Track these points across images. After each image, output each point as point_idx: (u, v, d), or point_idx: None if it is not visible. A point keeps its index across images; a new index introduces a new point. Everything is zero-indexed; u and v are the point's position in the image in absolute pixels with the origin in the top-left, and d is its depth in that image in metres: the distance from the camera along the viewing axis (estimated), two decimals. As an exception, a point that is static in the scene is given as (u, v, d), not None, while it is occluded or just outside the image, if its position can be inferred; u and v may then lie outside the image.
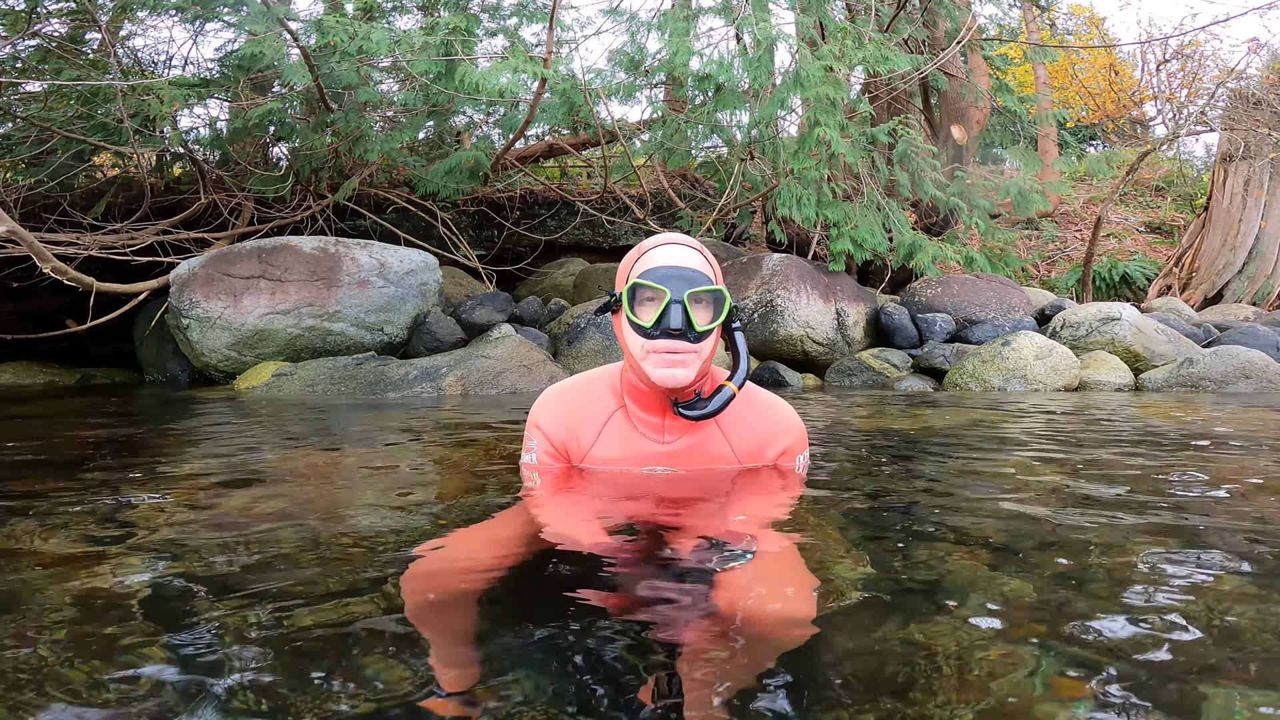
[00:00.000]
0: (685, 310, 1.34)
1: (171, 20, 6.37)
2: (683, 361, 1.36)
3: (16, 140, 5.55)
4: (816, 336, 5.43)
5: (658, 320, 1.34)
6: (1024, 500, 1.55)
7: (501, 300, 5.48)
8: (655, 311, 1.35)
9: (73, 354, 5.92)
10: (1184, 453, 2.17)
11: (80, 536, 1.28)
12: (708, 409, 1.40)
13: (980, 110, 7.90)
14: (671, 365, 1.36)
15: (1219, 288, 8.47)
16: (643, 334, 1.37)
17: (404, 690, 0.73)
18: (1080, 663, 0.79)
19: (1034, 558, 1.15)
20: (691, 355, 1.37)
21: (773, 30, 5.84)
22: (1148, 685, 0.74)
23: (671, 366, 1.36)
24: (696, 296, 1.36)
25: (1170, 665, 0.78)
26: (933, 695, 0.72)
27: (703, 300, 1.37)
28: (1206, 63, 10.26)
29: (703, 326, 1.36)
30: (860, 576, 1.07)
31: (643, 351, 1.38)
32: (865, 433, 2.64)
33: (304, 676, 0.78)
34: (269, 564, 1.13)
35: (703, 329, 1.36)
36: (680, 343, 1.35)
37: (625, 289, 1.39)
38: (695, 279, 1.36)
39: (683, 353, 1.36)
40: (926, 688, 0.74)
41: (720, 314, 1.38)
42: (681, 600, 0.96)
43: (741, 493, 1.44)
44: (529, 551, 1.17)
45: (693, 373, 1.37)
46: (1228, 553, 1.15)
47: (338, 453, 2.21)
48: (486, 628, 0.89)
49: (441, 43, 5.42)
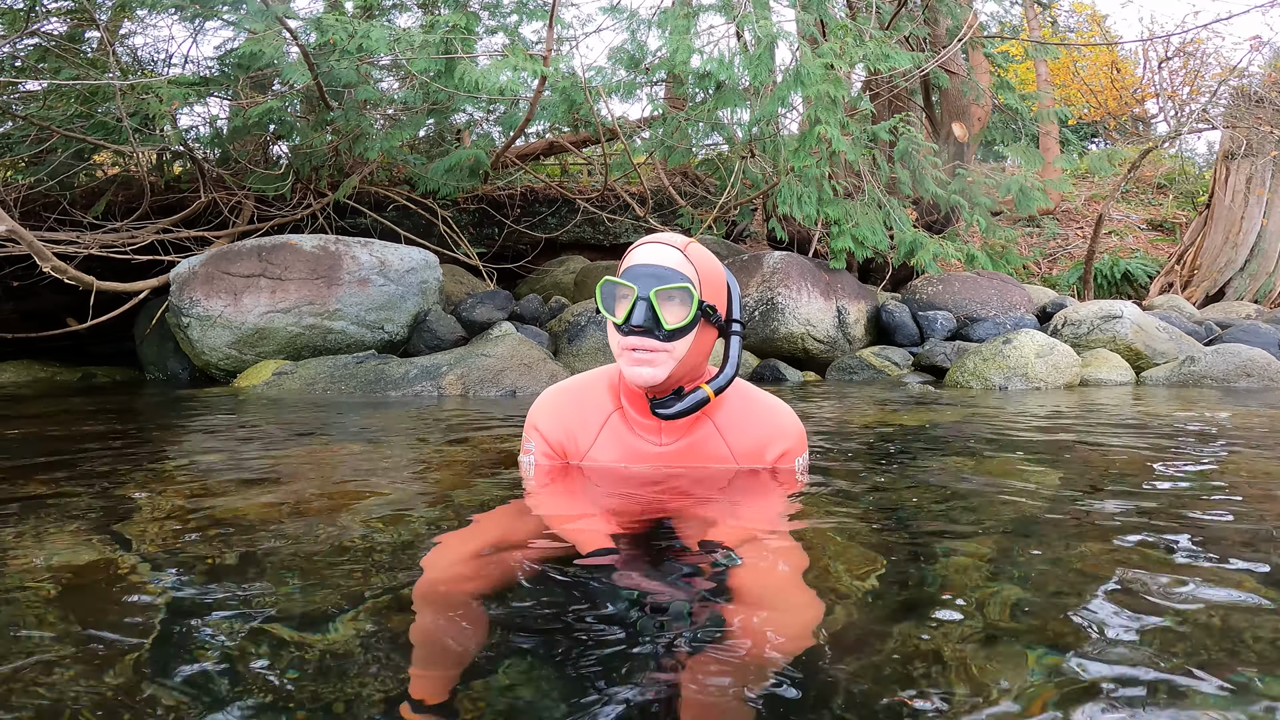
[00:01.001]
0: (652, 306, 1.33)
1: (171, 19, 6.36)
2: (651, 360, 1.35)
3: (16, 139, 5.55)
4: (817, 334, 5.42)
5: (627, 316, 1.34)
6: (1024, 499, 1.55)
7: (502, 298, 5.48)
8: (626, 308, 1.35)
9: (73, 353, 5.93)
10: (1185, 450, 2.16)
11: (80, 534, 1.28)
12: (675, 408, 1.39)
13: (981, 108, 7.88)
14: (639, 364, 1.36)
15: (1221, 285, 8.46)
16: (618, 330, 1.37)
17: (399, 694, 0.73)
18: (1082, 663, 0.78)
19: (1035, 556, 1.15)
20: (661, 354, 1.35)
21: (773, 28, 5.83)
22: (1148, 684, 0.73)
23: (639, 365, 1.36)
24: (666, 294, 1.35)
25: (1171, 664, 0.77)
26: (933, 696, 0.72)
27: (674, 298, 1.36)
28: (1208, 60, 10.24)
29: (672, 324, 1.34)
30: (860, 575, 1.07)
31: (619, 349, 1.39)
32: (865, 430, 2.63)
33: (304, 674, 0.78)
34: (268, 562, 1.13)
35: (672, 327, 1.34)
36: (648, 340, 1.34)
37: (598, 286, 1.40)
38: (665, 276, 1.35)
39: (651, 350, 1.35)
40: (926, 688, 0.73)
41: (691, 313, 1.36)
42: (679, 603, 0.95)
43: (739, 493, 1.44)
44: (523, 554, 1.16)
45: (663, 372, 1.36)
46: (1230, 551, 1.14)
47: (338, 451, 2.21)
48: (479, 633, 0.89)
49: (441, 41, 5.41)
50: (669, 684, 0.74)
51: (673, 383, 1.41)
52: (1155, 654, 0.80)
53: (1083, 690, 0.73)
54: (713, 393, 1.41)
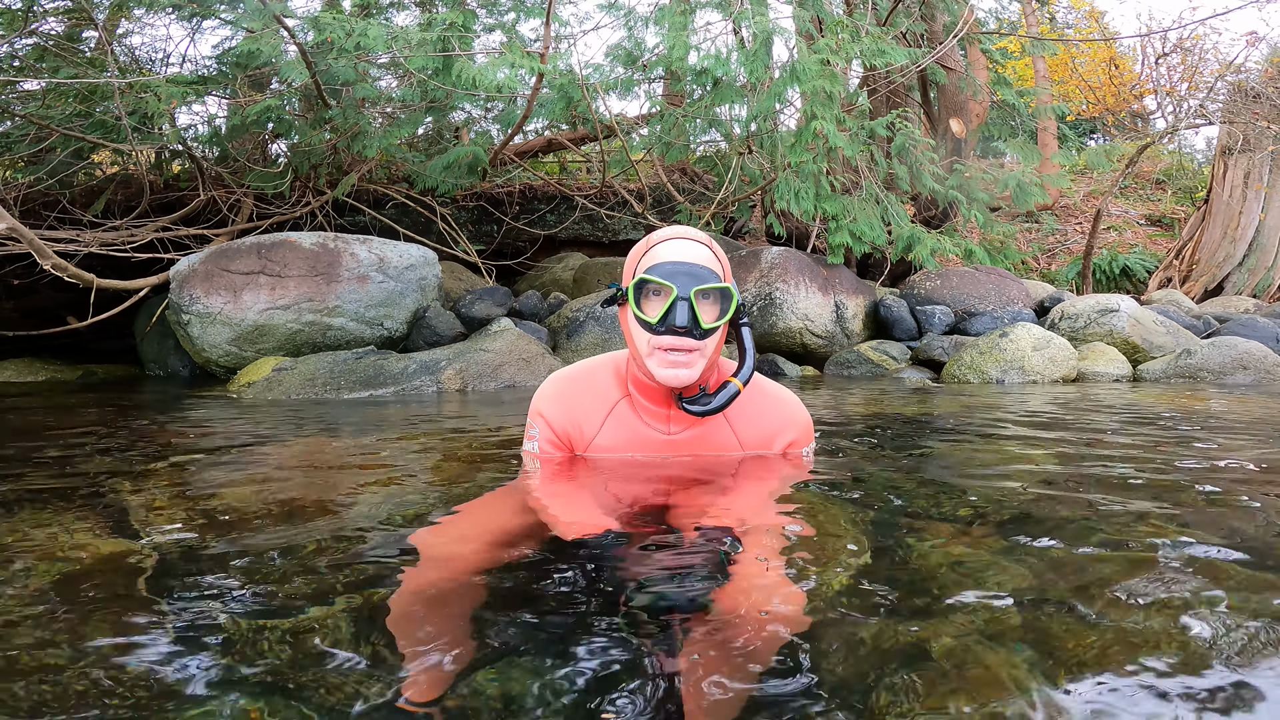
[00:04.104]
0: (692, 307, 1.32)
1: (168, 18, 6.36)
2: (687, 362, 1.35)
3: (16, 138, 5.56)
4: (815, 329, 5.43)
5: (664, 316, 1.32)
6: (1023, 494, 1.56)
7: (501, 295, 5.49)
8: (661, 307, 1.33)
9: (74, 350, 5.94)
10: (1181, 442, 2.18)
11: (80, 530, 1.29)
12: (711, 405, 1.39)
13: (979, 104, 7.88)
14: (675, 366, 1.34)
15: (1219, 280, 8.47)
16: (648, 329, 1.35)
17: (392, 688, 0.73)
18: (1081, 658, 0.78)
19: (1033, 551, 1.14)
20: (696, 354, 1.35)
21: (770, 24, 5.84)
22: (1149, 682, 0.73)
23: (675, 367, 1.35)
24: (704, 293, 1.34)
25: (1172, 663, 0.77)
26: (932, 690, 0.72)
27: (710, 297, 1.35)
28: (1206, 56, 10.22)
29: (709, 324, 1.34)
30: (859, 570, 1.07)
31: (648, 347, 1.36)
32: (864, 424, 2.65)
33: (301, 669, 0.79)
34: (267, 557, 1.14)
35: (709, 326, 1.34)
36: (686, 340, 1.33)
37: (632, 284, 1.37)
38: (703, 275, 1.34)
39: (687, 351, 1.34)
40: (925, 683, 0.73)
41: (728, 311, 1.37)
42: (682, 594, 0.95)
43: (742, 483, 1.44)
44: (524, 543, 1.17)
45: (696, 372, 1.36)
46: (1230, 545, 1.13)
47: (337, 445, 2.22)
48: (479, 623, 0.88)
49: (439, 38, 5.41)
50: (668, 676, 0.74)
51: (701, 380, 1.40)
52: (1157, 651, 0.80)
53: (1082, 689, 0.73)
54: (741, 385, 1.40)
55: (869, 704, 0.69)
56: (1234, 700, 0.69)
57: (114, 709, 0.69)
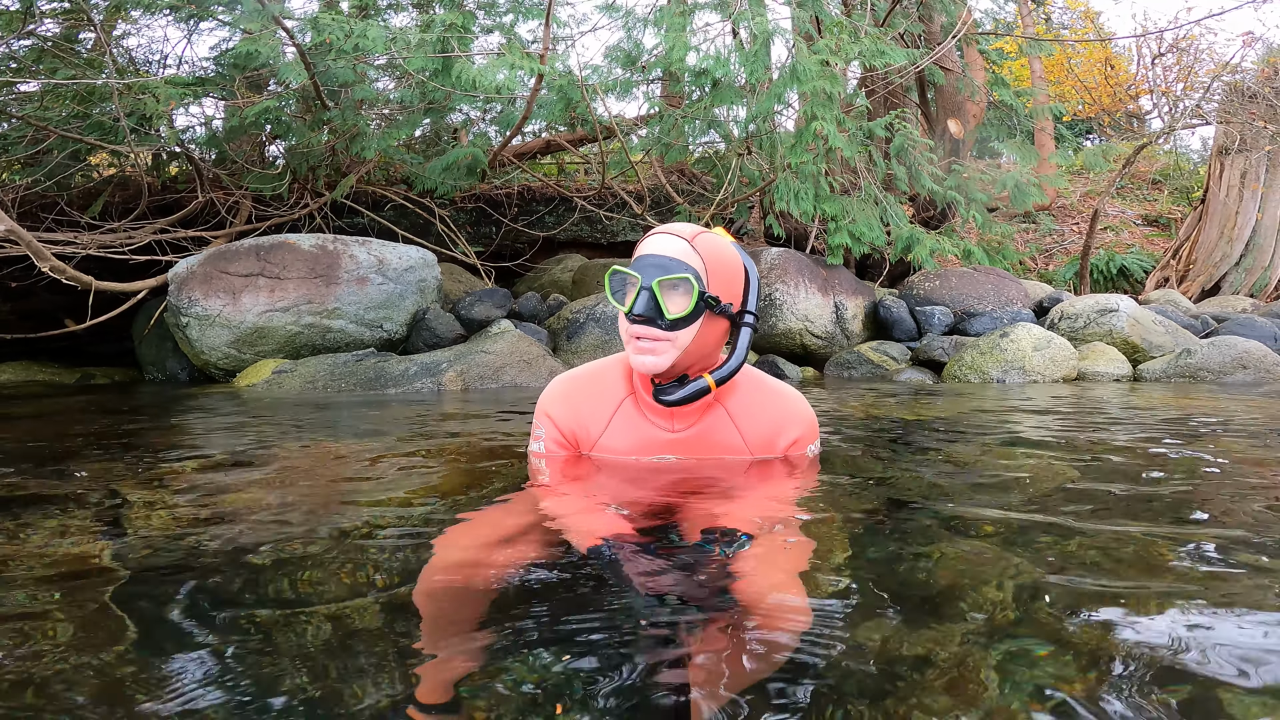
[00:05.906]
0: (654, 296, 1.35)
1: (166, 19, 6.34)
2: (654, 349, 1.38)
3: (13, 140, 5.53)
4: (815, 330, 5.43)
5: (631, 305, 1.37)
6: (1023, 493, 1.56)
7: (500, 296, 5.48)
8: (631, 297, 1.38)
9: (72, 353, 5.91)
10: (1183, 441, 2.18)
11: (79, 532, 1.29)
12: (675, 395, 1.41)
13: (977, 104, 7.90)
14: (643, 352, 1.39)
15: (1216, 280, 8.49)
16: (626, 318, 1.40)
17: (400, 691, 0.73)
18: (1082, 659, 0.78)
19: (1034, 551, 1.15)
20: (664, 343, 1.37)
21: (769, 25, 5.84)
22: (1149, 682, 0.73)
23: (643, 354, 1.39)
24: (669, 284, 1.37)
25: (1172, 662, 0.77)
26: (939, 693, 0.72)
27: (677, 288, 1.37)
28: (1202, 56, 10.27)
29: (674, 314, 1.36)
30: (864, 572, 1.07)
31: (626, 336, 1.41)
32: (864, 424, 2.65)
33: (305, 671, 0.78)
34: (269, 559, 1.13)
35: (674, 317, 1.36)
36: (651, 329, 1.37)
37: (607, 274, 1.43)
38: (668, 266, 1.36)
39: (654, 339, 1.37)
40: (931, 686, 0.73)
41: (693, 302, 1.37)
42: (689, 595, 0.95)
43: (748, 486, 1.44)
44: (533, 543, 1.17)
45: (665, 361, 1.38)
46: (1231, 545, 1.13)
47: (338, 448, 2.22)
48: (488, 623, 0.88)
49: (437, 40, 5.41)
50: (677, 677, 0.74)
51: (677, 370, 1.42)
52: (1157, 650, 0.80)
53: (1082, 688, 0.73)
54: (714, 382, 1.42)
55: (876, 707, 0.69)
56: (1239, 699, 0.69)
57: (114, 709, 0.69)
